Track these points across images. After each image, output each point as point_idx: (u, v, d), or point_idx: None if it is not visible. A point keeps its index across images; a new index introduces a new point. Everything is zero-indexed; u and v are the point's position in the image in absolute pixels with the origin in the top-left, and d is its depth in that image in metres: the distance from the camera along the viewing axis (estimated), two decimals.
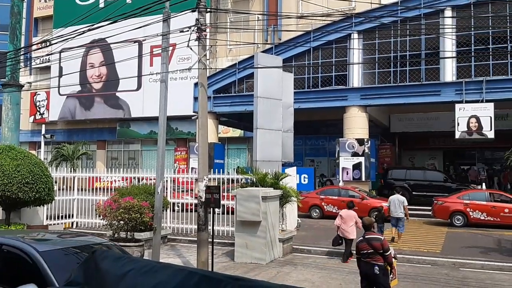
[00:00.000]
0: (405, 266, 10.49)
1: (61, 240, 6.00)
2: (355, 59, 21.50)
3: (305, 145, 31.05)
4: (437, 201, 17.83)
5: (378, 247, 6.98)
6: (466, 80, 19.23)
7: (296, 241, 13.10)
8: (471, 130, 18.94)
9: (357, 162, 21.10)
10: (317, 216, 19.29)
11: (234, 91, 23.81)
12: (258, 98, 13.90)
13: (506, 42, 19.32)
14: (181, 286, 2.61)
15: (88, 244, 5.53)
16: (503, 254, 11.94)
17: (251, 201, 11.23)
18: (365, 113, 21.51)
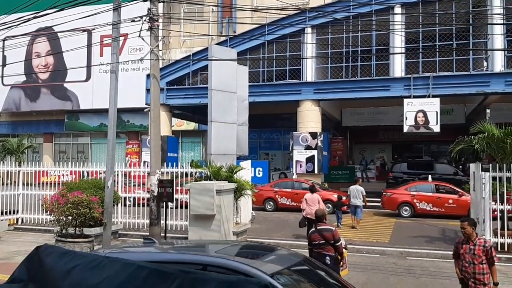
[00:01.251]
0: (355, 256, 10.78)
1: (276, 257, 4.50)
2: (309, 54, 21.76)
3: (260, 138, 31.22)
4: (386, 193, 18.45)
5: (330, 237, 7.12)
6: (414, 76, 19.93)
7: (250, 234, 13.16)
8: (419, 124, 19.68)
9: (311, 155, 21.44)
10: (271, 208, 19.46)
11: (188, 83, 23.52)
12: (212, 90, 13.77)
13: (452, 40, 20.15)
14: (130, 280, 2.54)
15: (303, 259, 4.55)
16: (447, 243, 12.50)
17: (205, 194, 11.13)
18: (318, 107, 21.87)
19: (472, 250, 5.63)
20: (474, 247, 5.65)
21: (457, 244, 5.95)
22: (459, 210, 16.70)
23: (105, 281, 2.61)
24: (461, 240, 5.88)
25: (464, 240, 5.82)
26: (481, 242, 5.67)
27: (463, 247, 5.76)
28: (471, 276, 5.58)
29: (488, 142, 11.87)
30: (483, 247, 5.63)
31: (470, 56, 19.98)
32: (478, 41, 20.53)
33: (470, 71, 19.56)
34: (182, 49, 30.66)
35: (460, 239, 5.95)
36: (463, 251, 5.73)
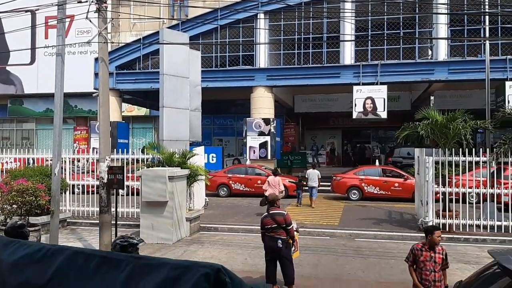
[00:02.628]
0: (306, 239, 11.05)
1: None
2: (262, 40, 21.79)
3: (213, 124, 31.08)
4: (336, 177, 18.96)
5: (281, 221, 7.26)
6: (363, 64, 20.44)
7: (203, 220, 13.17)
8: (367, 110, 20.27)
9: (264, 141, 21.62)
10: (225, 194, 19.53)
11: (138, 67, 22.94)
12: (164, 75, 13.52)
13: (399, 28, 20.79)
14: (80, 270, 2.48)
15: None
16: (392, 225, 13.08)
17: (157, 181, 11.01)
18: (271, 94, 22.01)
19: (433, 258, 5.54)
20: (435, 254, 5.56)
21: (415, 251, 5.68)
22: (404, 193, 17.49)
23: (55, 274, 2.53)
24: (419, 247, 5.66)
25: (422, 246, 5.64)
26: (440, 250, 5.59)
27: (423, 255, 5.58)
28: (431, 284, 5.49)
29: (432, 128, 12.41)
30: (442, 254, 5.59)
31: (416, 44, 20.71)
32: (423, 30, 21.30)
33: (416, 59, 20.30)
34: (132, 32, 29.78)
35: (417, 245, 5.72)
36: (423, 258, 5.57)
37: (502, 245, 10.79)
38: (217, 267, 2.18)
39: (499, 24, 19.63)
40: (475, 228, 11.82)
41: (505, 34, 19.99)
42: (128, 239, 4.20)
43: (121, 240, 4.17)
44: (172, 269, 2.26)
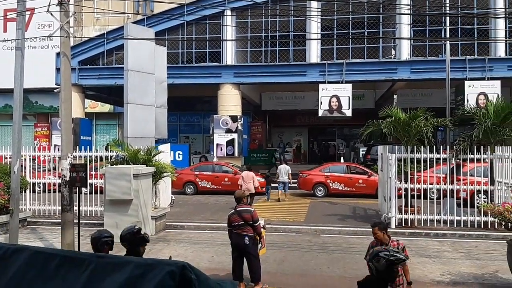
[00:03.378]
0: (273, 235, 11.12)
1: None
2: (229, 37, 21.72)
3: (180, 121, 30.78)
4: (302, 174, 19.16)
5: (248, 218, 7.27)
6: (329, 62, 20.72)
7: (169, 218, 13.03)
8: (332, 108, 20.57)
9: (231, 138, 21.60)
10: (192, 192, 19.38)
11: (102, 63, 22.44)
12: (128, 71, 13.27)
13: (364, 28, 21.18)
14: (41, 270, 2.41)
15: None
16: (357, 220, 13.34)
17: (122, 179, 10.81)
18: (238, 91, 22.00)
19: None
20: None
21: (370, 248, 5.56)
22: (368, 189, 17.85)
23: (15, 274, 2.44)
24: (374, 244, 5.60)
25: (377, 243, 5.52)
26: (394, 245, 5.43)
27: None
28: None
29: (394, 126, 12.73)
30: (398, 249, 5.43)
31: (379, 44, 21.17)
32: (387, 30, 21.78)
33: (380, 58, 20.76)
34: (96, 27, 29.09)
35: (373, 243, 5.66)
36: None
37: (461, 239, 11.20)
38: (182, 264, 2.17)
39: (459, 25, 20.32)
40: (436, 223, 12.20)
41: (464, 35, 20.71)
42: (386, 252, 3.70)
43: (385, 253, 3.70)
44: (136, 268, 2.23)
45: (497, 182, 12.17)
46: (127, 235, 4.70)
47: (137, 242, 4.73)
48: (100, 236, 4.87)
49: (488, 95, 18.56)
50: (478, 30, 20.49)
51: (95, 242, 4.86)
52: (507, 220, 7.08)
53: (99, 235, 4.88)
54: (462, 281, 7.79)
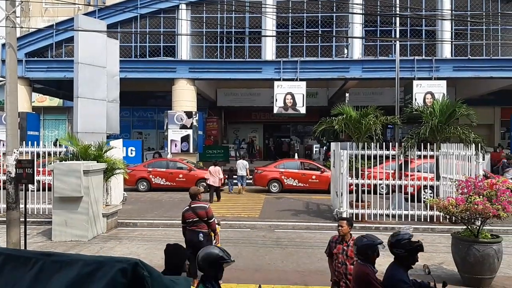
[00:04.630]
0: (227, 232, 11.14)
1: None
2: (184, 31, 21.43)
3: (133, 116, 30.13)
4: (257, 170, 19.29)
5: (203, 215, 7.25)
6: (284, 60, 20.92)
7: (121, 215, 12.76)
8: (287, 106, 20.81)
9: (186, 134, 21.37)
10: (145, 189, 19.05)
11: (51, 55, 21.55)
12: (79, 64, 12.84)
13: (318, 27, 21.52)
14: None
15: None
16: (310, 215, 13.59)
17: (71, 175, 10.48)
18: (193, 86, 21.78)
19: (345, 251, 5.42)
20: (347, 247, 5.42)
21: (330, 243, 5.67)
22: (321, 185, 18.22)
23: None
24: (335, 239, 5.62)
25: (338, 239, 5.57)
26: (353, 239, 5.37)
27: (336, 247, 5.52)
28: (343, 276, 5.40)
29: (346, 123, 13.06)
30: None
31: (333, 43, 21.59)
32: (340, 29, 22.24)
33: (333, 57, 21.17)
34: (44, 18, 27.87)
35: (334, 238, 5.67)
36: (336, 250, 5.51)
37: None
38: (134, 261, 2.14)
39: (408, 26, 21.08)
40: (385, 217, 12.63)
41: (413, 35, 21.50)
42: None
43: None
44: (86, 265, 2.17)
45: (442, 177, 12.76)
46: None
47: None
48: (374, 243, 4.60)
49: (434, 94, 19.38)
50: (426, 31, 21.34)
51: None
52: (451, 214, 7.44)
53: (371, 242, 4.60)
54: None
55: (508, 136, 25.79)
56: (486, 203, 7.02)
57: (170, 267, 3.99)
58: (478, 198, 7.13)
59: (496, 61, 20.38)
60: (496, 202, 7.04)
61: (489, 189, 7.24)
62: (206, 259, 3.77)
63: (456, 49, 21.24)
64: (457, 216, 7.38)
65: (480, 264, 7.14)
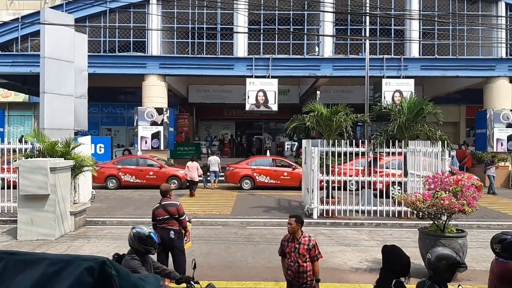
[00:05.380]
0: (199, 229, 11.08)
1: None
2: (154, 26, 21.12)
3: (102, 113, 29.55)
4: (229, 167, 19.26)
5: (174, 212, 7.17)
6: (256, 57, 20.92)
7: (90, 213, 12.51)
8: (259, 103, 20.83)
9: (156, 131, 21.09)
10: (114, 186, 18.74)
11: (16, 49, 20.87)
12: (45, 58, 12.48)
13: (289, 24, 21.61)
14: None
15: None
16: (281, 212, 13.67)
17: (38, 173, 10.19)
18: (164, 82, 21.51)
19: (297, 249, 5.32)
20: (299, 245, 5.33)
21: (283, 242, 5.56)
22: (292, 181, 18.36)
23: None
24: (287, 238, 5.51)
25: (290, 237, 5.46)
26: (305, 241, 5.36)
27: (289, 246, 5.42)
28: (295, 275, 5.33)
29: (317, 120, 13.18)
30: (307, 245, 5.32)
31: (304, 41, 21.74)
32: (311, 27, 22.41)
33: (304, 55, 21.32)
34: (9, 11, 27.03)
35: (286, 236, 5.56)
36: (288, 249, 5.41)
37: (378, 228, 11.89)
38: (101, 260, 2.08)
39: (378, 25, 21.43)
40: (354, 213, 12.84)
41: (382, 35, 21.88)
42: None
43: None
44: (51, 264, 2.11)
45: (410, 174, 13.05)
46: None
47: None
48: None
49: (403, 92, 19.81)
50: (395, 31, 21.75)
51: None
52: (418, 209, 7.62)
53: None
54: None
55: (473, 133, 26.61)
56: (452, 198, 7.21)
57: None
58: (444, 193, 7.32)
59: (462, 60, 20.99)
60: (461, 198, 7.25)
61: (455, 185, 7.45)
62: (444, 259, 3.69)
63: (424, 48, 21.75)
64: (424, 211, 7.57)
65: None
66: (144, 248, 4.43)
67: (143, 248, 4.44)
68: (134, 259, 4.37)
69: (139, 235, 4.42)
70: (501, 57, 20.99)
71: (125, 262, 4.30)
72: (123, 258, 4.36)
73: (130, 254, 4.43)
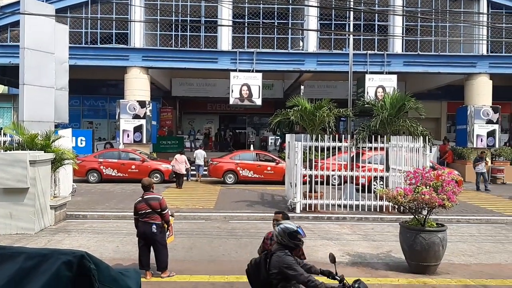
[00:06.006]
0: (181, 223, 11.03)
1: None
2: (137, 18, 20.84)
3: (83, 105, 29.10)
4: (212, 162, 19.20)
5: (156, 206, 7.12)
6: (240, 51, 20.83)
7: (71, 207, 12.35)
8: (243, 97, 20.77)
9: (139, 124, 20.88)
10: (95, 180, 18.53)
11: None
12: (25, 49, 12.20)
13: (274, 18, 21.56)
14: None
15: None
16: (264, 206, 13.69)
17: (17, 166, 10.00)
18: (147, 75, 21.29)
19: None
20: None
21: (266, 240, 5.20)
22: (276, 176, 18.41)
23: None
24: (270, 236, 5.10)
25: (273, 235, 4.83)
26: None
27: (272, 244, 4.87)
28: None
29: (301, 115, 13.21)
30: None
31: (289, 35, 21.72)
32: (296, 21, 22.40)
33: (289, 49, 21.32)
34: None
35: (269, 234, 5.17)
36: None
37: (359, 222, 12.00)
38: (80, 253, 2.05)
39: (362, 21, 21.54)
40: (337, 207, 12.93)
41: (366, 30, 22.01)
42: None
43: None
44: (28, 259, 2.06)
45: (391, 169, 13.19)
46: None
47: None
48: None
49: (385, 88, 19.97)
50: (379, 26, 21.88)
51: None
52: (399, 204, 7.69)
53: None
54: (360, 261, 8.35)
55: (453, 129, 27.02)
56: (432, 193, 7.30)
57: None
58: (425, 188, 7.41)
59: (444, 57, 21.25)
60: (441, 192, 7.35)
61: (435, 180, 7.54)
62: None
63: (407, 44, 21.95)
64: (405, 205, 7.65)
65: (426, 252, 7.44)
66: (294, 243, 4.29)
67: (293, 243, 4.28)
68: (288, 255, 4.22)
69: (289, 230, 4.28)
70: (482, 54, 21.32)
71: (278, 258, 4.19)
72: (273, 254, 4.25)
73: (281, 250, 4.25)
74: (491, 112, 21.33)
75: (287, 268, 4.09)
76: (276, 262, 4.15)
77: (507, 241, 10.20)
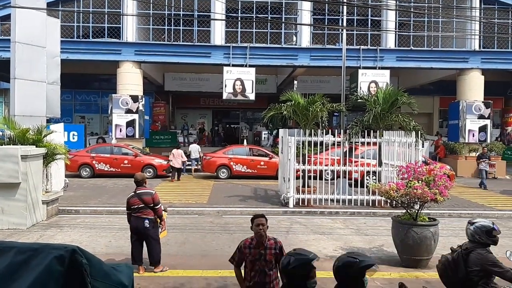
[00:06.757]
0: (174, 218, 11.01)
1: None
2: (129, 12, 20.68)
3: (75, 100, 28.92)
4: (206, 157, 19.18)
5: (149, 201, 7.10)
6: (233, 45, 20.75)
7: (63, 202, 12.29)
8: (236, 92, 20.72)
9: (131, 119, 20.76)
10: (88, 175, 18.44)
11: None
12: (16, 43, 12.07)
13: (267, 13, 21.49)
14: None
15: None
16: (258, 201, 13.71)
17: (8, 161, 9.92)
18: (139, 70, 21.16)
19: (263, 256, 4.42)
20: (265, 251, 4.44)
21: (243, 249, 4.54)
22: (269, 171, 18.42)
23: None
24: (248, 243, 4.55)
25: (252, 243, 4.53)
26: (271, 244, 4.48)
27: (251, 253, 4.47)
28: (260, 287, 4.40)
29: (294, 110, 13.21)
30: (274, 249, 4.46)
31: (282, 30, 21.67)
32: (289, 16, 22.34)
33: (282, 44, 21.28)
34: None
35: (246, 242, 4.57)
36: (252, 257, 4.45)
37: (352, 217, 12.06)
38: (71, 248, 2.04)
39: (355, 15, 21.54)
40: (330, 202, 12.97)
41: (359, 25, 22.01)
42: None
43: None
44: (19, 253, 2.05)
45: (384, 164, 13.25)
46: None
47: None
48: None
49: (378, 83, 20.01)
50: (372, 21, 21.90)
51: None
52: (392, 198, 7.73)
53: None
54: None
55: (446, 124, 27.17)
56: (424, 187, 7.35)
57: None
58: (417, 183, 7.45)
59: (437, 52, 21.33)
60: (433, 187, 7.39)
61: (427, 174, 7.59)
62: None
63: (400, 40, 21.98)
64: (397, 200, 7.69)
65: (418, 246, 7.50)
66: (492, 240, 4.31)
67: (491, 241, 4.31)
68: (490, 253, 4.28)
69: (486, 228, 4.31)
70: (474, 50, 21.41)
71: (480, 256, 4.23)
72: (471, 252, 4.28)
73: (480, 248, 4.28)
74: (483, 107, 21.47)
75: (492, 265, 4.19)
76: (478, 260, 4.23)
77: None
